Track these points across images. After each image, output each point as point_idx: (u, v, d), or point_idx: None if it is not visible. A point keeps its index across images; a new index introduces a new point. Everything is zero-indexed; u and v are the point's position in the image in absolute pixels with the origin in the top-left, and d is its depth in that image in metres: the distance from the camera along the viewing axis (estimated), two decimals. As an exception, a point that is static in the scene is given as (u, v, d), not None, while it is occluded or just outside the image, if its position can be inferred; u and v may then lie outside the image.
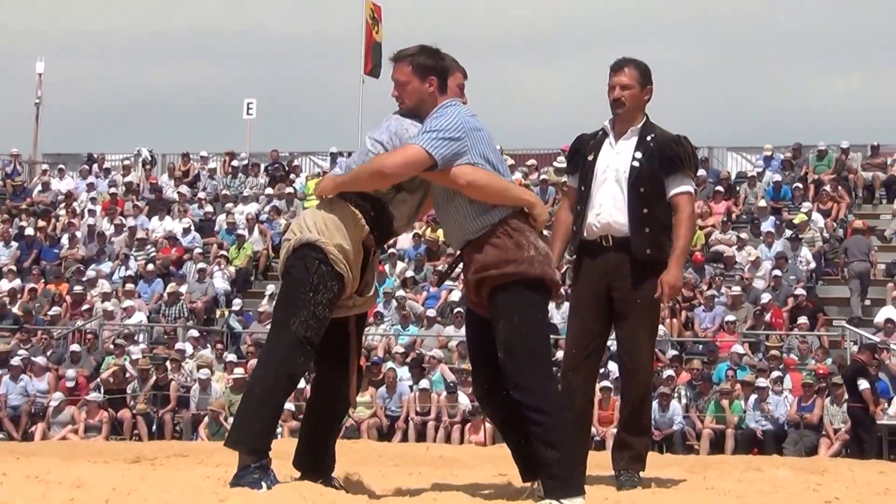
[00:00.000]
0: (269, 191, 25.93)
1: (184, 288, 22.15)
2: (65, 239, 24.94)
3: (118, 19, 63.34)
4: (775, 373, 17.13)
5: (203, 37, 64.26)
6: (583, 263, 6.77)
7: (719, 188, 23.27)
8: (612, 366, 15.97)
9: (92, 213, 25.78)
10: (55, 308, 22.06)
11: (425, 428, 17.60)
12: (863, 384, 15.80)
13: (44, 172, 28.48)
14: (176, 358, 19.39)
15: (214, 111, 59.42)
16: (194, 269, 22.65)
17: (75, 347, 20.13)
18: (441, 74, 5.67)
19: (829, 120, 55.59)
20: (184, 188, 26.59)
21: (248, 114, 29.98)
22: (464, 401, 17.67)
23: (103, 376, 19.17)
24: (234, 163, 27.26)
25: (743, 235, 21.66)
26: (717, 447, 16.49)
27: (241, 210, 25.04)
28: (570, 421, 5.72)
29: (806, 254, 20.93)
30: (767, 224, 21.87)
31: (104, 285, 22.56)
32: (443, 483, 6.42)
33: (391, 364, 18.51)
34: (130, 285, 22.31)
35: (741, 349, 18.26)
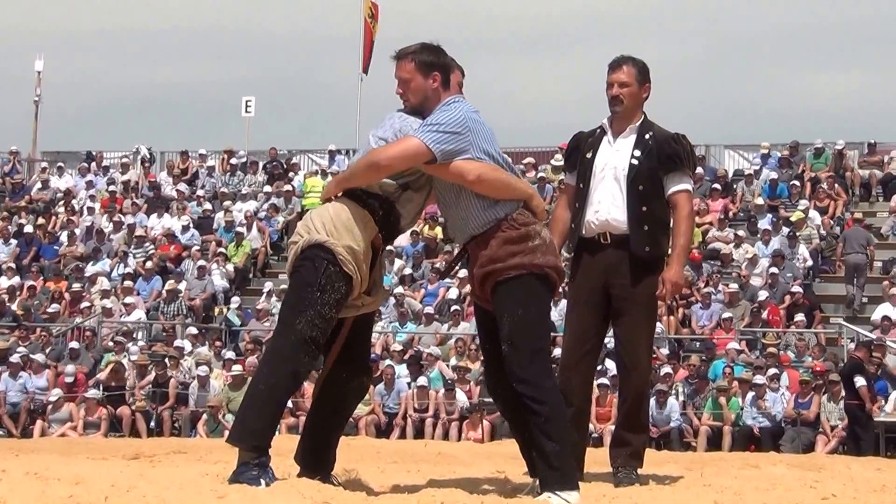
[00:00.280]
0: (268, 188, 25.92)
1: (182, 285, 22.16)
2: (64, 237, 24.95)
3: (117, 18, 63.42)
4: (772, 370, 17.15)
5: (202, 35, 64.34)
6: (581, 261, 6.78)
7: (716, 186, 23.29)
8: (610, 363, 16.00)
9: (91, 211, 25.79)
10: (54, 305, 22.10)
11: (423, 425, 17.62)
12: (860, 381, 15.82)
13: (43, 170, 28.48)
14: (174, 355, 19.42)
15: (213, 109, 59.51)
16: (193, 267, 22.66)
17: (74, 345, 20.14)
18: (444, 70, 5.67)
19: (826, 118, 55.73)
20: (182, 186, 26.57)
21: (247, 112, 29.99)
22: (461, 398, 17.69)
23: (102, 375, 19.17)
24: (233, 160, 27.27)
25: (740, 233, 21.68)
26: (715, 444, 16.47)
27: (240, 208, 25.04)
28: (568, 416, 5.73)
29: (803, 251, 20.95)
30: (764, 222, 21.89)
31: (103, 283, 22.58)
32: (441, 480, 6.43)
33: (389, 361, 18.53)
34: (129, 283, 22.34)
35: (737, 346, 18.28)
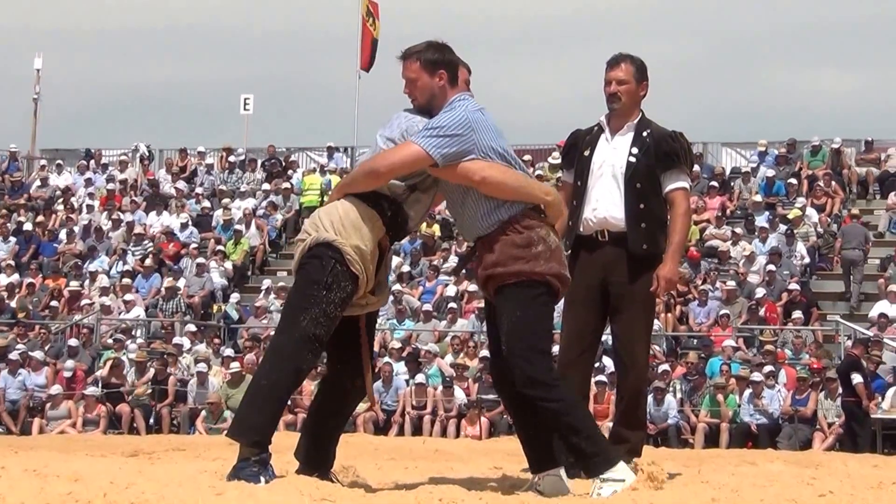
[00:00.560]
0: (266, 186, 25.94)
1: (181, 282, 22.18)
2: (63, 234, 24.96)
3: (116, 16, 63.36)
4: (767, 367, 17.18)
5: (201, 33, 64.34)
6: (579, 258, 6.79)
7: (714, 183, 23.31)
8: (607, 360, 16.00)
9: (91, 209, 25.80)
10: (53, 303, 22.10)
11: (421, 422, 17.63)
12: (856, 378, 15.83)
13: (42, 168, 28.47)
14: (173, 352, 19.44)
15: (212, 107, 59.50)
16: (191, 264, 22.68)
17: (73, 342, 20.15)
18: (450, 67, 5.63)
19: (824, 116, 55.69)
20: (181, 183, 26.58)
21: (245, 109, 29.98)
22: (459, 395, 17.71)
23: (101, 372, 19.18)
24: (231, 158, 27.27)
25: (737, 231, 21.70)
26: (712, 441, 16.49)
27: (238, 205, 25.05)
28: (580, 402, 5.66)
29: (800, 249, 20.97)
30: (761, 219, 21.92)
31: (103, 280, 22.60)
32: (438, 476, 6.44)
33: (387, 358, 18.54)
34: (127, 280, 22.35)
35: (733, 343, 18.30)
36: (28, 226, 25.24)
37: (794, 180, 23.23)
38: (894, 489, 5.73)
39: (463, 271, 20.30)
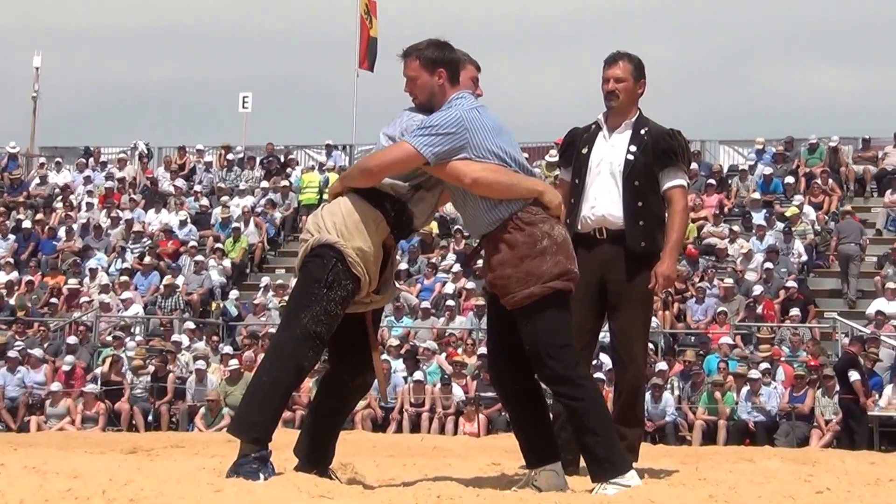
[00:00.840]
0: (265, 184, 25.95)
1: (180, 280, 22.19)
2: (62, 232, 24.96)
3: (115, 14, 63.29)
4: (763, 364, 17.20)
5: (199, 31, 64.31)
6: (577, 256, 6.80)
7: (711, 181, 23.32)
8: (605, 357, 16.01)
9: (90, 207, 25.79)
10: (52, 300, 22.10)
11: (419, 419, 17.65)
12: (854, 376, 15.86)
13: (41, 166, 28.46)
14: (172, 350, 19.45)
15: (210, 105, 59.46)
16: (190, 262, 22.68)
17: (72, 340, 20.15)
18: (450, 66, 5.61)
19: (821, 114, 55.65)
20: (180, 181, 26.59)
21: (244, 107, 29.98)
22: (457, 392, 17.72)
23: (100, 369, 19.19)
24: (230, 156, 27.26)
25: (735, 228, 21.71)
26: (710, 438, 16.51)
27: (237, 203, 25.06)
28: (603, 402, 5.66)
29: (798, 246, 20.98)
30: (758, 217, 21.92)
31: (102, 278, 22.60)
32: (436, 473, 6.46)
33: (385, 356, 18.54)
34: (126, 278, 22.35)
35: (730, 340, 18.32)
36: (27, 223, 25.25)
37: (792, 178, 23.23)
38: (891, 486, 5.74)
39: (465, 267, 20.36)
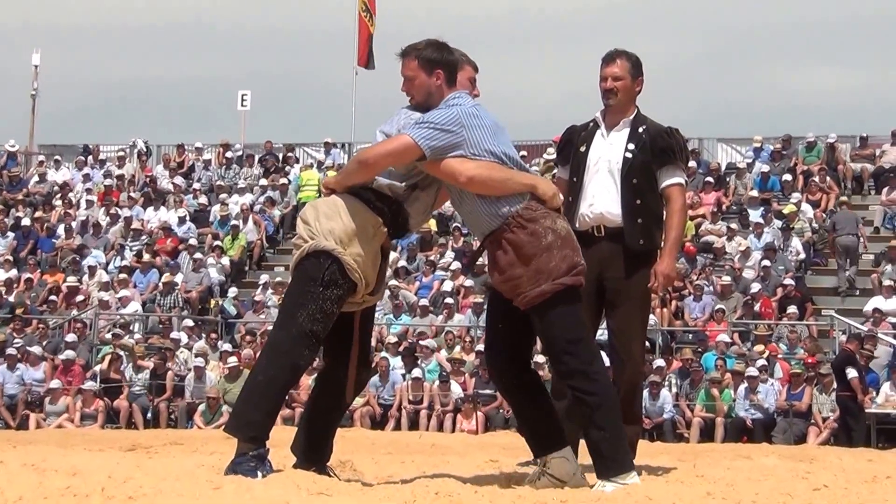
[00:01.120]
0: (264, 182, 25.95)
1: (178, 278, 22.19)
2: (61, 229, 24.97)
3: (114, 12, 63.27)
4: (760, 361, 17.22)
5: (198, 29, 64.26)
6: (576, 253, 6.81)
7: (709, 179, 23.34)
8: (602, 355, 16.00)
9: (90, 205, 25.79)
10: (51, 297, 22.10)
11: (418, 416, 17.67)
12: (851, 373, 15.87)
13: (40, 163, 28.47)
14: (170, 347, 19.46)
15: (209, 103, 59.45)
16: (189, 260, 22.69)
17: (70, 338, 20.14)
18: (447, 67, 5.62)
19: (819, 112, 55.67)
20: (179, 179, 26.60)
21: (243, 105, 30.01)
22: (456, 389, 17.74)
23: (99, 366, 19.20)
24: (229, 154, 27.26)
25: (733, 226, 21.73)
26: (707, 435, 16.54)
27: (236, 201, 25.06)
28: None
29: (796, 244, 21.00)
30: (755, 215, 21.95)
31: (101, 275, 22.61)
32: (435, 470, 6.46)
33: (384, 353, 18.57)
34: (125, 275, 22.36)
35: (727, 338, 18.33)
36: (26, 221, 25.25)
37: (790, 176, 23.26)
38: (888, 483, 5.76)
39: (467, 270, 20.34)
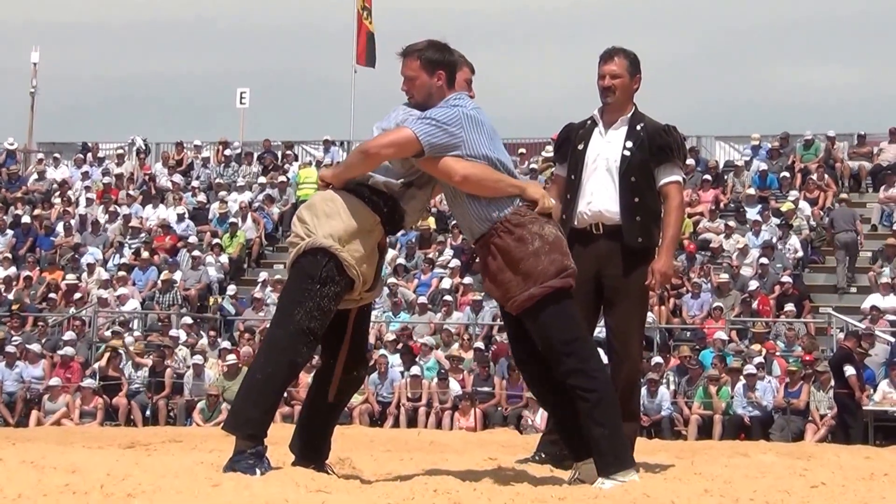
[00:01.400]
0: (262, 179, 25.96)
1: (177, 275, 22.21)
2: (60, 227, 24.97)
3: (113, 9, 63.27)
4: (757, 359, 17.23)
5: (197, 27, 64.25)
6: (573, 251, 6.79)
7: (707, 177, 23.35)
8: (600, 352, 16.01)
9: (90, 202, 25.79)
10: (51, 295, 22.11)
11: (416, 414, 17.68)
12: (849, 370, 15.88)
13: (39, 161, 28.47)
14: (169, 345, 19.47)
15: (208, 101, 59.41)
16: (188, 257, 22.70)
17: (69, 335, 20.12)
18: (449, 68, 5.64)
19: (816, 109, 55.67)
20: (177, 177, 26.60)
21: (242, 103, 30.01)
22: (454, 387, 17.75)
23: (98, 364, 19.20)
24: (227, 152, 27.26)
25: (730, 224, 21.75)
26: (705, 433, 16.53)
27: (235, 198, 25.07)
28: (615, 397, 5.69)
29: (794, 242, 21.02)
30: (753, 212, 21.96)
31: (100, 273, 22.62)
32: (433, 467, 6.46)
33: (383, 351, 18.58)
34: (123, 273, 22.37)
35: (724, 335, 18.34)
36: (25, 219, 25.25)
37: (788, 174, 23.28)
38: (885, 480, 5.78)
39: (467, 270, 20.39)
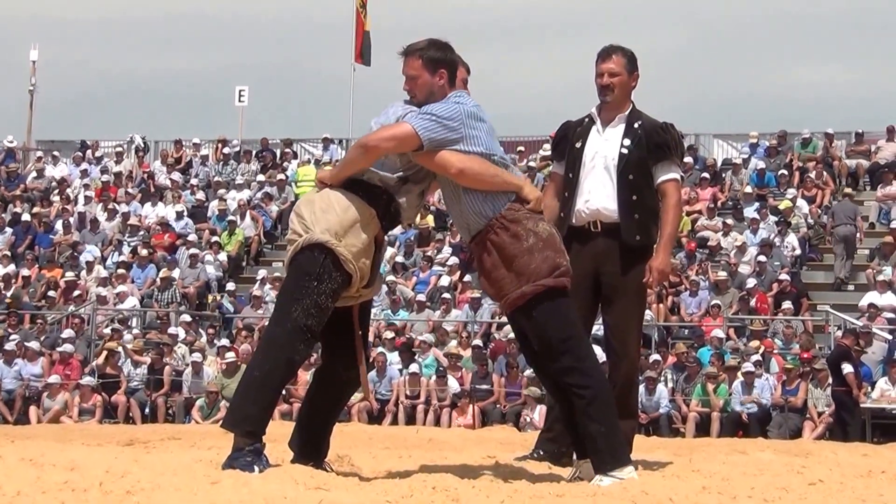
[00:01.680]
0: (261, 177, 25.95)
1: (176, 273, 22.21)
2: (58, 225, 24.97)
3: (112, 7, 63.28)
4: (755, 356, 17.23)
5: (196, 24, 64.26)
6: (571, 249, 6.80)
7: (705, 175, 23.35)
8: (598, 350, 16.00)
9: (88, 200, 25.78)
10: (50, 293, 22.11)
11: (415, 411, 17.69)
12: (846, 368, 15.89)
13: (38, 159, 28.46)
14: (168, 342, 19.48)
15: (207, 98, 59.40)
16: (186, 255, 22.70)
17: (68, 332, 20.12)
18: (451, 66, 5.66)
19: (814, 108, 55.71)
20: (176, 175, 26.60)
21: (240, 101, 30.00)
22: (453, 384, 17.76)
23: (97, 361, 19.21)
24: (226, 150, 27.26)
25: (728, 221, 21.76)
26: (703, 430, 16.56)
27: (234, 196, 25.06)
28: (611, 394, 5.70)
29: (792, 240, 21.03)
30: (750, 210, 21.98)
31: (99, 271, 22.62)
32: (432, 465, 6.47)
33: (381, 348, 18.59)
34: (122, 271, 22.37)
35: (720, 333, 18.35)
36: (25, 216, 25.25)
37: (786, 172, 23.28)
38: (883, 478, 5.81)
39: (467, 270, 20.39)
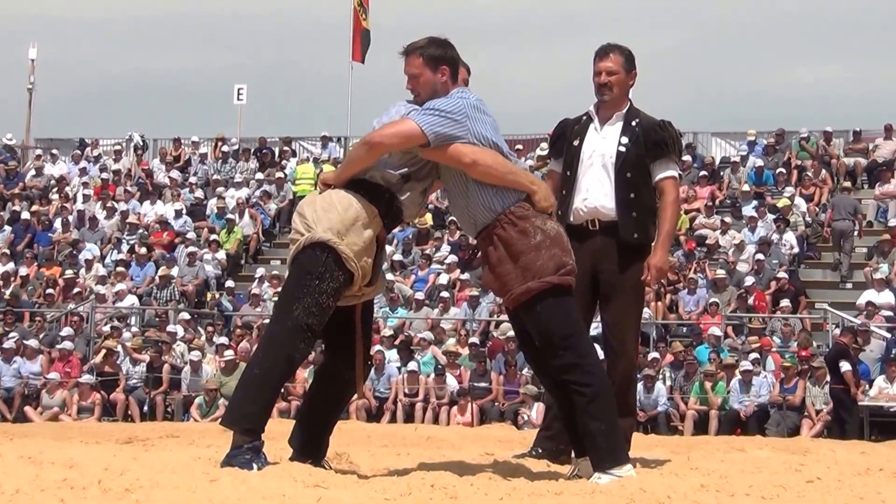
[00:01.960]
0: (260, 175, 25.95)
1: (175, 271, 22.21)
2: (57, 223, 24.97)
3: (110, 5, 63.27)
4: (752, 354, 17.25)
5: (195, 23, 64.26)
6: (568, 248, 6.83)
7: (704, 173, 23.37)
8: (596, 348, 16.00)
9: (87, 199, 25.78)
10: (49, 291, 22.10)
11: (413, 409, 17.70)
12: (844, 366, 15.90)
13: (37, 157, 28.45)
14: (167, 340, 19.48)
15: (205, 97, 59.43)
16: (185, 253, 22.71)
17: (67, 330, 20.11)
18: (452, 63, 5.65)
19: (812, 106, 55.72)
20: (175, 173, 26.60)
21: (239, 99, 30.00)
22: (452, 382, 17.77)
23: (96, 359, 19.21)
24: (225, 148, 27.25)
25: (727, 219, 21.77)
26: (701, 428, 16.58)
27: (232, 194, 25.06)
28: (611, 392, 5.70)
29: (790, 238, 21.04)
30: (748, 208, 21.99)
31: (98, 269, 22.62)
32: (430, 462, 6.48)
33: (379, 346, 18.58)
34: (121, 269, 22.37)
35: (718, 331, 18.36)
36: (24, 215, 25.24)
37: (784, 170, 23.30)
38: (881, 475, 5.80)
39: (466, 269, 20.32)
